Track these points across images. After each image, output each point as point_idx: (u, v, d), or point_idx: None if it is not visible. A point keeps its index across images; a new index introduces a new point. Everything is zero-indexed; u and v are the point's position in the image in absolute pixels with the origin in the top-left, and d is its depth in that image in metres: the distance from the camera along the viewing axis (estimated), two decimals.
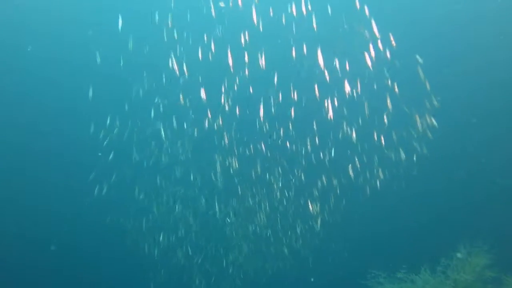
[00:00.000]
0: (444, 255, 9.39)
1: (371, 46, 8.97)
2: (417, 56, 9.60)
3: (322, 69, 9.28)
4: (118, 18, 9.31)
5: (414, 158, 10.65)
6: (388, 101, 9.37)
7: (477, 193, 10.77)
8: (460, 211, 10.87)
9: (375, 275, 9.55)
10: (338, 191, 10.96)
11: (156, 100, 10.84)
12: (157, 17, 9.82)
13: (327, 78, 9.41)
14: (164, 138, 11.02)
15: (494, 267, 9.15)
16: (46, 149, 11.58)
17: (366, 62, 8.96)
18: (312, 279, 11.23)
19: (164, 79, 10.69)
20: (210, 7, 9.94)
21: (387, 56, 9.34)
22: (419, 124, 10.13)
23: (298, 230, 11.16)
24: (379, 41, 9.05)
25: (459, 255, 9.27)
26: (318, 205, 10.95)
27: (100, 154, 10.69)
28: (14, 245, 11.29)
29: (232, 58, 9.39)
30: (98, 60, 10.04)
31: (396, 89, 9.57)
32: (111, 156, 10.45)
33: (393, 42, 9.06)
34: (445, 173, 11.09)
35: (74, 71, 11.49)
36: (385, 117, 9.95)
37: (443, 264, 9.31)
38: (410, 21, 11.05)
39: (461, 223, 10.64)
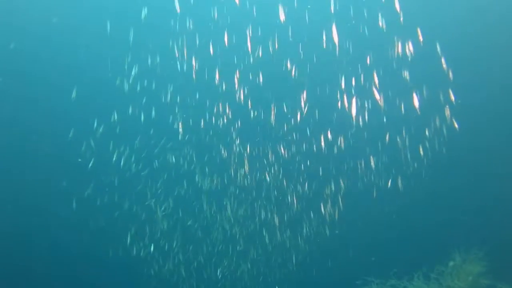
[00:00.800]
0: (438, 261, 9.30)
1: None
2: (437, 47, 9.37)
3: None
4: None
5: (415, 164, 10.55)
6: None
7: (475, 199, 10.58)
8: (456, 218, 10.70)
9: (367, 281, 9.43)
10: (334, 196, 10.81)
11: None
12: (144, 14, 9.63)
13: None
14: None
15: (489, 274, 9.08)
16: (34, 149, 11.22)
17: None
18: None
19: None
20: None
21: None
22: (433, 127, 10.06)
23: (290, 235, 10.98)
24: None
25: (451, 263, 9.16)
26: (315, 209, 10.80)
27: (80, 160, 10.42)
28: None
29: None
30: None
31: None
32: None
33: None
34: (443, 179, 10.90)
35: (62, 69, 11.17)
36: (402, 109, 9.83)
37: (437, 271, 9.21)
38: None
39: (457, 229, 10.47)
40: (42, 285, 10.73)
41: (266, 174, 11.01)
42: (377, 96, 9.74)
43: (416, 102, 9.81)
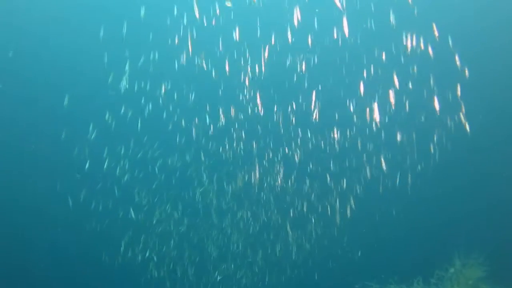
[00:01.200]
0: (438, 266, 9.29)
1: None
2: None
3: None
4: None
5: (416, 165, 10.49)
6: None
7: (475, 203, 10.53)
8: (456, 222, 10.67)
9: (366, 285, 9.44)
10: (334, 198, 10.76)
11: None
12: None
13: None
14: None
15: (488, 279, 9.06)
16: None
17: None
18: None
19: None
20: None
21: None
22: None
23: (288, 237, 10.97)
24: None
25: (452, 270, 9.15)
26: (312, 210, 10.77)
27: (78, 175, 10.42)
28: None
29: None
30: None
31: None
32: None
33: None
34: (443, 182, 10.84)
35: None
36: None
37: (436, 276, 9.21)
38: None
39: (457, 232, 10.43)
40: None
41: (269, 175, 11.02)
42: (390, 95, 9.69)
43: (436, 105, 9.74)
